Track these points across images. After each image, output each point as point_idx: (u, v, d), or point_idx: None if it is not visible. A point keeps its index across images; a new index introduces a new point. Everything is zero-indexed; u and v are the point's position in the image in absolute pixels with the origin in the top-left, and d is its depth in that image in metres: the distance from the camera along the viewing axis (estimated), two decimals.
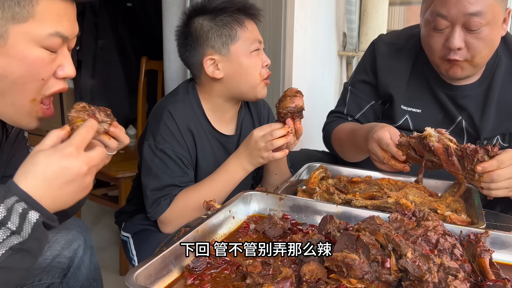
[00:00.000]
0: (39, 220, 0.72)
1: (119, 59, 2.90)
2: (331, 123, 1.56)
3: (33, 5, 0.78)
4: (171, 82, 2.22)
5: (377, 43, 1.53)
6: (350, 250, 0.73)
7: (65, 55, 0.86)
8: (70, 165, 0.74)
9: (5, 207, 0.70)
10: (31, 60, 0.80)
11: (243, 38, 1.26)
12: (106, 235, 2.64)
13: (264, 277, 0.76)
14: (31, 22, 0.79)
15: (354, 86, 1.55)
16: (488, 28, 1.23)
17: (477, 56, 1.26)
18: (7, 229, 0.69)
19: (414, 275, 0.68)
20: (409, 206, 1.04)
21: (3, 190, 0.72)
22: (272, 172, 1.36)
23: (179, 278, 0.79)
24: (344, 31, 2.51)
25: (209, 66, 1.26)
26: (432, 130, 1.09)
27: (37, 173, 0.73)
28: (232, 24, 1.25)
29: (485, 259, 0.80)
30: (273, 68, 2.17)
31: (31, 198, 0.72)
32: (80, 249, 1.17)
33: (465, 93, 1.39)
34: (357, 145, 1.36)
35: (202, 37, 1.25)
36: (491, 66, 1.38)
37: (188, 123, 1.27)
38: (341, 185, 1.23)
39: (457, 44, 1.23)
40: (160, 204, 1.20)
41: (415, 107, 1.44)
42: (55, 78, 0.85)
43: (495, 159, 1.01)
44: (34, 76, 0.81)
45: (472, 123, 1.39)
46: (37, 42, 0.80)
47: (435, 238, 0.81)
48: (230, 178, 1.22)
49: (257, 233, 0.98)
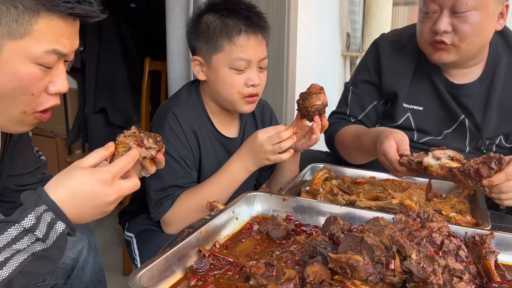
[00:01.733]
0: (65, 231, 0.75)
1: (123, 59, 2.90)
2: (334, 125, 1.55)
3: (31, 23, 0.77)
4: (175, 83, 2.22)
5: (379, 42, 1.52)
6: (354, 251, 0.72)
7: (60, 71, 0.84)
8: (102, 191, 0.78)
9: (35, 215, 0.73)
10: (23, 76, 0.79)
11: (226, 52, 1.20)
12: (109, 236, 2.65)
13: (268, 279, 0.75)
14: (27, 40, 0.78)
15: (356, 86, 1.55)
16: (477, 14, 1.24)
17: (464, 41, 1.27)
18: (34, 236, 0.72)
19: (419, 276, 0.68)
20: (414, 207, 1.03)
21: (34, 197, 0.74)
22: (287, 169, 1.34)
23: (182, 279, 0.79)
24: (347, 31, 2.51)
25: (196, 66, 1.26)
26: (431, 159, 1.04)
27: (70, 188, 0.76)
28: (220, 34, 1.20)
29: (491, 261, 0.79)
30: (276, 68, 2.17)
31: (59, 209, 0.75)
32: (84, 250, 1.17)
33: (467, 91, 1.38)
34: (365, 150, 1.35)
35: (198, 36, 1.25)
36: (492, 65, 1.38)
37: (192, 125, 1.27)
38: (345, 186, 1.23)
39: (443, 27, 1.26)
40: (162, 204, 1.20)
41: (417, 105, 1.43)
42: (47, 93, 0.84)
43: (503, 172, 0.98)
44: (24, 91, 0.80)
45: (474, 122, 1.38)
46: (32, 59, 0.79)
47: (439, 239, 0.80)
48: (232, 179, 1.21)
49: (260, 234, 0.98)
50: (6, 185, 1.02)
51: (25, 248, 0.71)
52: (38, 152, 1.12)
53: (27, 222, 0.72)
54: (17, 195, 1.05)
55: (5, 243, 0.71)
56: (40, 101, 0.83)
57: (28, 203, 0.74)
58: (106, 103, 2.81)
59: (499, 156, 0.98)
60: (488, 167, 0.98)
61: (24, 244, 0.72)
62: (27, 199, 0.74)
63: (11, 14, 0.76)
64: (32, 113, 0.84)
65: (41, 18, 0.78)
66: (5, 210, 1.09)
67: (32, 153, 1.09)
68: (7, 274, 0.69)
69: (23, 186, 1.06)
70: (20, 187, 1.06)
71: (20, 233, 0.72)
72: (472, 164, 0.99)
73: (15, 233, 0.71)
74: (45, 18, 0.78)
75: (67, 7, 0.79)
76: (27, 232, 0.72)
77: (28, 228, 0.72)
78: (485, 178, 0.98)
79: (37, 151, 1.12)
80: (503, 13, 1.30)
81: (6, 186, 1.02)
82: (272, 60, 2.11)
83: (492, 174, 0.98)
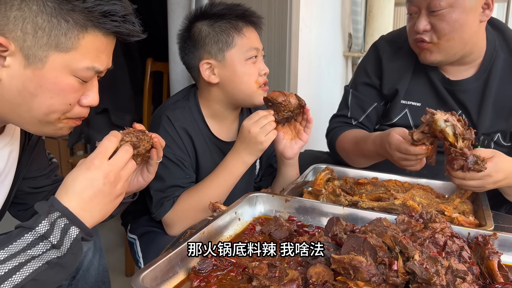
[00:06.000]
0: (79, 236, 0.76)
1: (125, 60, 2.90)
2: (335, 129, 1.56)
3: (79, 38, 0.80)
4: (177, 83, 2.22)
5: (379, 44, 1.54)
6: (357, 252, 0.72)
7: (93, 85, 0.88)
8: (93, 176, 0.79)
9: (49, 221, 0.74)
10: (63, 86, 0.82)
11: (239, 45, 1.25)
12: (111, 237, 2.65)
13: (271, 279, 0.75)
14: (72, 54, 0.80)
15: (356, 89, 1.56)
16: (453, 10, 1.26)
17: (442, 38, 1.30)
18: (49, 242, 0.73)
19: (422, 277, 0.68)
20: (416, 208, 1.03)
21: (47, 205, 0.76)
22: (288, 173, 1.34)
23: (185, 280, 0.79)
24: (349, 32, 2.50)
25: (205, 70, 1.27)
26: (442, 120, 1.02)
27: (71, 188, 0.78)
28: (230, 31, 1.24)
29: (494, 262, 0.79)
30: (278, 69, 2.17)
31: (72, 214, 0.76)
32: (90, 251, 1.17)
33: (463, 88, 1.39)
34: (365, 156, 1.36)
35: (200, 42, 1.26)
36: (488, 60, 1.38)
37: (186, 128, 1.28)
38: (347, 187, 1.23)
39: (421, 26, 1.30)
40: (163, 204, 1.21)
41: (415, 101, 1.44)
42: (79, 105, 0.87)
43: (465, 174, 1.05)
44: (62, 100, 0.83)
45: (470, 118, 1.39)
46: (73, 72, 0.82)
47: (442, 240, 0.80)
48: (230, 174, 1.22)
49: (263, 235, 0.98)
50: (20, 187, 1.03)
51: (40, 255, 0.72)
52: (49, 155, 1.14)
53: (42, 228, 0.73)
54: (30, 197, 1.07)
55: (20, 248, 0.71)
56: (74, 111, 0.87)
57: (42, 210, 0.75)
58: (108, 104, 2.81)
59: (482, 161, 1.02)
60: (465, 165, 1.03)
61: (39, 251, 0.72)
62: (41, 207, 0.75)
63: (62, 27, 0.79)
64: (64, 119, 0.87)
65: (88, 34, 0.81)
66: (17, 211, 1.10)
67: (45, 156, 1.11)
68: (20, 280, 0.69)
69: (38, 188, 1.08)
70: (35, 189, 1.07)
71: (36, 239, 0.73)
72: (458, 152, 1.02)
73: (30, 239, 0.72)
74: (92, 35, 0.81)
75: (113, 25, 0.82)
76: (42, 239, 0.73)
77: (42, 234, 0.73)
78: (453, 169, 1.05)
79: (49, 153, 1.14)
80: (488, 4, 1.30)
81: (20, 188, 1.04)
82: (274, 60, 2.11)
83: (457, 169, 1.04)
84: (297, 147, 1.28)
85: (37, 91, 0.80)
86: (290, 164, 1.31)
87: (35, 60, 0.79)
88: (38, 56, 0.78)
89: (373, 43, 1.58)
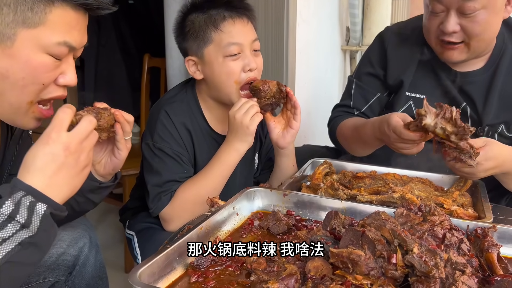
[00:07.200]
0: (47, 212, 0.73)
1: (122, 56, 2.90)
2: (336, 118, 1.55)
3: (46, 12, 0.79)
4: (174, 79, 2.22)
5: (385, 34, 1.52)
6: (355, 246, 0.72)
7: (69, 64, 0.86)
8: (53, 150, 0.76)
9: (13, 202, 0.72)
10: (35, 65, 0.80)
11: (216, 41, 1.20)
12: (111, 233, 2.65)
13: (269, 274, 0.75)
14: (41, 29, 0.79)
15: (359, 79, 1.54)
16: (485, 12, 1.22)
17: (473, 39, 1.26)
18: (17, 222, 0.71)
19: (421, 270, 0.67)
20: (415, 201, 1.02)
21: (9, 186, 0.74)
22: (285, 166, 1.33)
23: (183, 275, 0.78)
24: (347, 25, 2.49)
25: (191, 67, 1.26)
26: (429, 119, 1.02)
27: (32, 165, 0.75)
28: (206, 26, 1.20)
29: (493, 254, 0.79)
30: (275, 63, 2.16)
31: (36, 191, 0.74)
32: (86, 247, 1.16)
33: (470, 79, 1.38)
34: (364, 141, 1.35)
35: (185, 37, 1.25)
36: (497, 54, 1.37)
37: (185, 122, 1.27)
38: (346, 181, 1.22)
39: (450, 29, 1.24)
40: (161, 199, 1.20)
41: (419, 93, 1.43)
42: (56, 84, 0.85)
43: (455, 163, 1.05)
44: (35, 80, 0.81)
45: (475, 109, 1.38)
46: (44, 48, 0.80)
47: (441, 233, 0.80)
48: (224, 164, 1.21)
49: (261, 229, 0.97)
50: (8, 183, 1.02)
51: (10, 237, 0.70)
52: None
53: (6, 209, 0.71)
54: None
55: None
56: (48, 90, 0.84)
57: (5, 193, 0.73)
58: (106, 101, 2.80)
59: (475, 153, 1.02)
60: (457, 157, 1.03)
61: (9, 232, 0.70)
62: (3, 190, 0.74)
63: (27, 2, 0.77)
64: (37, 102, 0.84)
65: (55, 7, 0.79)
66: None
67: None
68: None
69: None
70: None
71: (3, 222, 0.71)
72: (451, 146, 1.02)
73: None
74: (59, 8, 0.80)
75: None
76: (9, 220, 0.71)
77: (8, 214, 0.71)
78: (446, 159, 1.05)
79: None
80: (510, 0, 1.28)
81: None
82: (272, 55, 2.10)
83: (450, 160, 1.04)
84: (289, 136, 1.27)
85: (8, 72, 0.79)
86: (285, 154, 1.30)
87: (4, 39, 0.77)
88: (6, 34, 0.77)
89: (379, 34, 1.56)
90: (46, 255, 1.07)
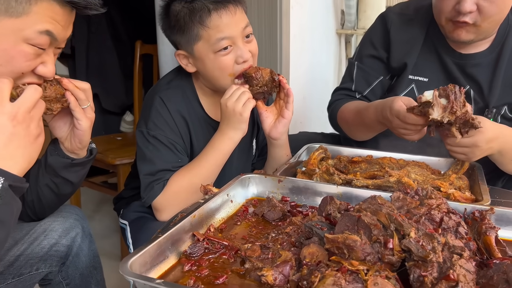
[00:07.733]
0: (5, 184, 0.72)
1: (113, 43, 2.85)
2: (337, 101, 1.51)
3: (30, 3, 0.78)
4: (166, 65, 2.18)
5: (387, 15, 1.48)
6: (351, 231, 0.71)
7: (50, 56, 0.85)
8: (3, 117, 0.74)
9: None
10: (13, 53, 0.79)
11: (205, 38, 1.16)
12: (107, 222, 2.64)
13: (263, 261, 0.74)
14: (23, 19, 0.78)
15: (361, 62, 1.50)
16: None
17: (486, 20, 1.24)
18: None
19: (418, 255, 0.66)
20: (412, 184, 1.01)
21: None
22: (279, 153, 1.31)
23: (176, 264, 0.77)
24: (342, 9, 2.45)
25: (182, 60, 1.23)
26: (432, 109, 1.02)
27: None
28: (192, 22, 1.15)
29: (491, 237, 0.78)
30: (269, 48, 2.12)
31: None
32: (78, 237, 1.15)
33: (474, 61, 1.36)
34: (366, 125, 1.33)
35: (173, 30, 1.21)
36: (502, 35, 1.35)
37: (180, 109, 1.24)
38: (341, 165, 1.21)
39: (468, 8, 1.22)
40: (153, 188, 1.18)
41: (422, 76, 1.40)
42: (33, 72, 0.84)
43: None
44: (13, 68, 0.80)
45: (481, 92, 1.36)
46: (25, 39, 0.79)
47: (439, 216, 0.78)
48: (218, 151, 1.19)
49: (256, 216, 0.96)
50: None
51: None
52: None
53: None
54: None
55: None
56: (24, 77, 0.83)
57: None
58: (98, 89, 2.77)
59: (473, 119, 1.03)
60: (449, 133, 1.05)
61: None
62: None
63: None
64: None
65: (41, 0, 0.78)
66: None
67: None
68: None
69: None
70: None
71: None
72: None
73: None
74: (46, 2, 0.79)
75: None
76: None
77: None
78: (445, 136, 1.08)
79: None
80: None
81: None
82: (265, 39, 2.07)
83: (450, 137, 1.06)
84: (281, 126, 1.24)
85: None
86: (279, 145, 1.28)
87: None
88: None
89: (380, 14, 1.52)
90: (38, 246, 1.06)
